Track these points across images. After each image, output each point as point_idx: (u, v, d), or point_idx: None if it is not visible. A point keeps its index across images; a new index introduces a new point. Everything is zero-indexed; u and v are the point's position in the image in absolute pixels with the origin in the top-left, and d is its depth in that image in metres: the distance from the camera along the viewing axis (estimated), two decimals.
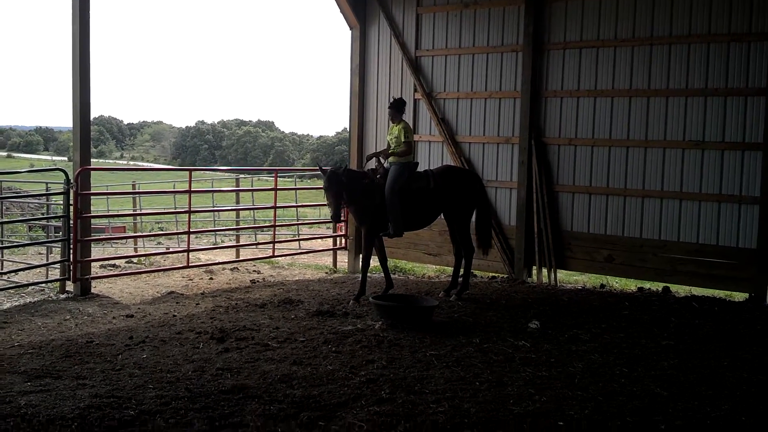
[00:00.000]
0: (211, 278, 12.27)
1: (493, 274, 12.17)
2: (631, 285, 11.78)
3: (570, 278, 12.45)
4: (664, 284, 10.92)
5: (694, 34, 10.32)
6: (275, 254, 13.95)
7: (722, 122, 10.22)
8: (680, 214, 10.58)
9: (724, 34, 10.11)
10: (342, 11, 13.23)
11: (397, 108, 9.97)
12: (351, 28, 13.44)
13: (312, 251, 15.43)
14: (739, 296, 10.40)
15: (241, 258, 14.61)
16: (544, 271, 11.65)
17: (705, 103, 10.33)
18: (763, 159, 9.90)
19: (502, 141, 12.00)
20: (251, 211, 20.71)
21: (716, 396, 5.90)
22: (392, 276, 10.63)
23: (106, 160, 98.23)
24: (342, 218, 10.42)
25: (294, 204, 18.31)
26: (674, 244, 10.61)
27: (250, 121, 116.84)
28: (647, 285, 11.38)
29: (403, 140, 9.78)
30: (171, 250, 15.86)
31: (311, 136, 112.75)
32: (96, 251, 14.31)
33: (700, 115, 10.37)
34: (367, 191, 9.71)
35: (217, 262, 13.50)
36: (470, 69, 12.29)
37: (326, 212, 22.83)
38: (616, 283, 12.02)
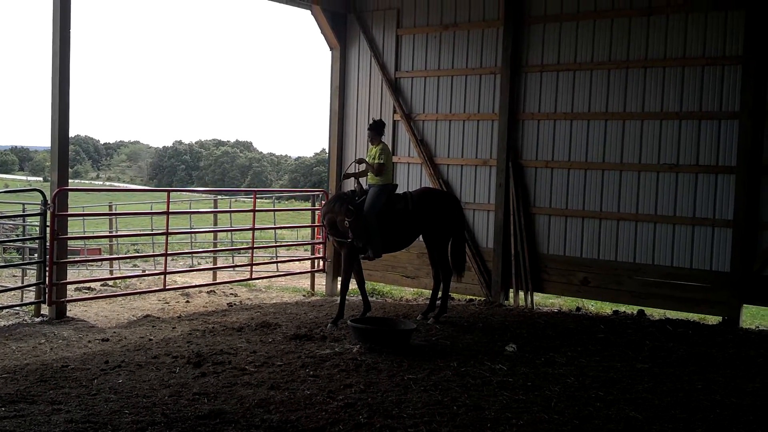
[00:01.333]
0: (187, 301, 12.19)
1: (471, 297, 12.21)
2: (606, 308, 11.85)
3: (546, 301, 12.52)
4: (639, 307, 11.01)
5: (669, 57, 10.49)
6: (253, 277, 13.88)
7: (696, 145, 10.37)
8: (655, 237, 10.69)
9: (699, 57, 10.28)
10: (322, 32, 13.30)
11: (376, 130, 10.02)
12: (331, 49, 13.51)
13: (290, 273, 15.38)
14: (713, 319, 10.50)
15: (218, 281, 14.54)
16: (521, 294, 11.70)
17: (679, 127, 10.48)
18: (736, 182, 10.04)
19: (480, 163, 12.09)
20: (229, 233, 20.64)
21: (690, 419, 5.95)
22: (370, 299, 10.62)
23: (82, 180, 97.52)
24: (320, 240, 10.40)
25: (272, 226, 18.27)
26: (649, 267, 10.71)
27: (228, 141, 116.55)
28: (622, 308, 11.46)
29: (377, 161, 9.82)
30: (147, 272, 15.75)
31: (289, 156, 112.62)
32: (71, 274, 14.18)
33: (675, 138, 10.51)
34: (348, 213, 9.73)
35: (193, 285, 13.42)
36: (449, 91, 12.40)
37: (304, 234, 22.82)
38: (592, 306, 12.09)
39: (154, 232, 18.26)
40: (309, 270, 14.49)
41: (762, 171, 9.91)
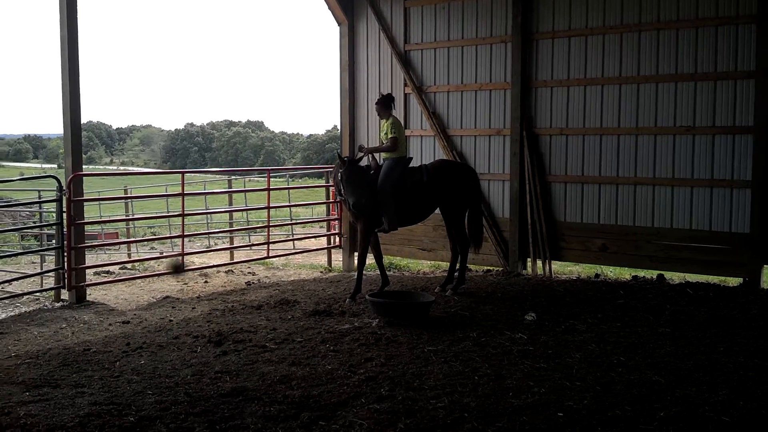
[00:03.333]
0: (206, 281, 12.25)
1: (488, 268, 12.18)
2: (625, 273, 11.81)
3: (564, 269, 12.47)
4: (659, 272, 10.95)
5: (682, 19, 10.33)
6: (270, 255, 13.93)
7: (712, 107, 10.24)
8: (673, 201, 10.60)
9: (712, 18, 10.12)
10: (330, 7, 13.21)
11: (383, 104, 9.95)
12: (339, 24, 13.41)
13: (306, 251, 15.41)
14: (734, 281, 10.42)
15: (235, 260, 14.59)
16: (539, 262, 11.66)
17: (695, 89, 10.34)
18: (754, 142, 9.92)
19: (494, 133, 12.00)
20: (244, 213, 20.68)
21: (713, 382, 5.91)
22: (387, 273, 10.61)
23: (96, 166, 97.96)
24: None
25: (287, 204, 18.28)
26: (667, 231, 10.63)
27: (239, 121, 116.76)
28: (642, 273, 11.40)
29: (389, 135, 9.77)
30: (165, 254, 15.82)
31: (301, 134, 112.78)
32: (90, 258, 14.27)
33: (690, 100, 10.39)
34: (364, 187, 9.69)
35: (211, 265, 13.47)
36: (460, 61, 12.29)
37: (319, 211, 22.88)
38: (611, 272, 12.05)
39: (170, 214, 18.30)
40: (325, 246, 14.52)
41: None
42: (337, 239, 13.97)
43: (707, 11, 10.16)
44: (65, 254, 10.38)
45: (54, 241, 11.34)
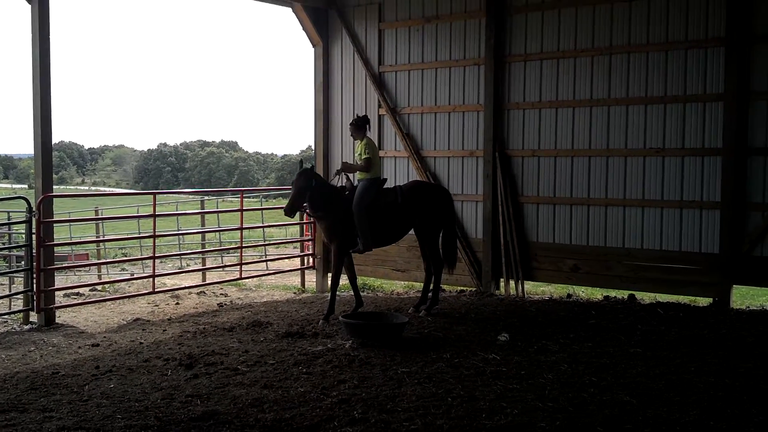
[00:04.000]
0: (177, 303, 12.13)
1: (462, 288, 12.20)
2: (597, 294, 11.88)
3: (537, 289, 12.52)
4: (630, 292, 11.03)
5: (652, 42, 10.49)
6: (242, 276, 13.84)
7: (682, 129, 10.39)
8: (643, 222, 10.71)
9: (682, 41, 10.29)
10: (304, 28, 13.23)
11: (358, 125, 10.00)
12: (314, 46, 13.45)
13: (279, 272, 15.33)
14: (704, 301, 10.52)
15: (207, 281, 14.46)
16: (512, 283, 11.70)
17: (665, 111, 10.49)
18: (722, 164, 10.06)
19: (467, 154, 12.07)
20: (217, 234, 20.56)
21: (685, 402, 5.96)
22: (361, 293, 10.59)
23: (68, 186, 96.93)
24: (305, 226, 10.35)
25: (260, 225, 18.20)
26: (638, 252, 10.72)
27: (213, 141, 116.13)
28: (613, 293, 11.48)
29: (363, 156, 9.80)
30: (136, 276, 15.67)
31: (276, 155, 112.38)
32: (59, 280, 14.07)
33: (660, 122, 10.53)
34: (337, 207, 9.70)
35: (183, 286, 13.34)
36: (433, 83, 12.37)
37: (293, 231, 22.78)
38: (583, 292, 12.12)
39: (141, 235, 18.13)
40: (299, 267, 14.45)
41: (748, 152, 9.94)
42: (311, 260, 13.91)
43: (677, 34, 10.33)
44: (34, 276, 10.23)
45: (23, 263, 11.17)
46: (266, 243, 19.58)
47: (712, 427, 5.35)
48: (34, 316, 10.41)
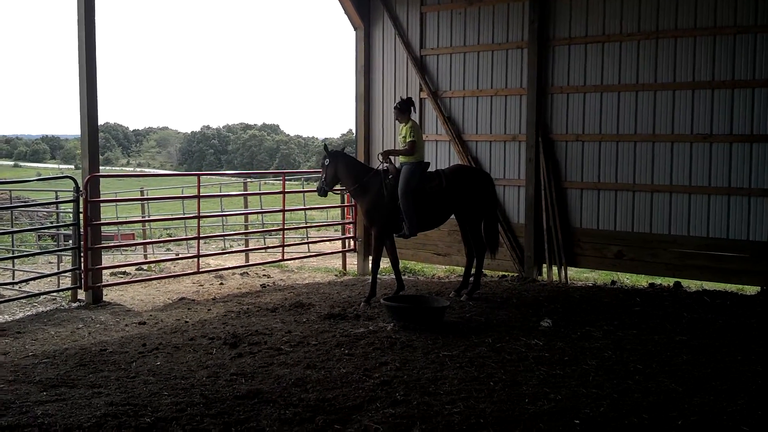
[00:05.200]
0: (221, 283, 12.29)
1: (503, 273, 12.15)
2: (641, 281, 11.75)
3: (580, 275, 12.42)
4: (675, 279, 10.89)
5: (700, 27, 10.29)
6: (284, 258, 13.95)
7: (730, 115, 10.19)
8: (690, 208, 10.55)
9: (730, 26, 10.08)
10: (346, 12, 13.22)
11: (402, 108, 9.96)
12: (355, 29, 13.43)
13: (321, 254, 15.42)
14: (751, 290, 10.36)
15: (250, 262, 14.62)
16: (554, 268, 11.62)
17: (712, 96, 10.30)
18: None
19: (509, 139, 11.99)
20: (259, 215, 20.73)
21: (731, 390, 5.88)
22: (402, 277, 10.61)
23: (113, 167, 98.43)
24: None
25: (302, 207, 18.31)
26: (684, 239, 10.58)
27: (255, 124, 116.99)
28: (658, 280, 11.35)
29: (407, 139, 9.78)
30: (181, 256, 15.89)
31: (316, 138, 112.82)
32: (106, 259, 14.34)
33: (708, 108, 10.34)
34: (380, 191, 9.72)
35: (227, 267, 13.51)
36: (475, 67, 12.29)
37: (334, 215, 22.87)
38: (627, 279, 11.99)
39: (186, 216, 18.36)
40: (340, 250, 14.52)
41: None
42: (352, 243, 13.97)
43: (725, 19, 10.11)
44: (82, 255, 10.44)
45: (71, 242, 11.39)
46: (308, 225, 19.68)
47: (759, 416, 5.28)
48: (81, 294, 10.63)
